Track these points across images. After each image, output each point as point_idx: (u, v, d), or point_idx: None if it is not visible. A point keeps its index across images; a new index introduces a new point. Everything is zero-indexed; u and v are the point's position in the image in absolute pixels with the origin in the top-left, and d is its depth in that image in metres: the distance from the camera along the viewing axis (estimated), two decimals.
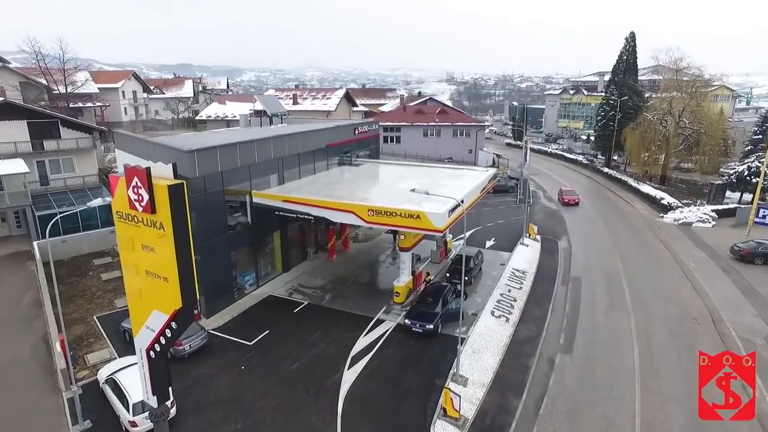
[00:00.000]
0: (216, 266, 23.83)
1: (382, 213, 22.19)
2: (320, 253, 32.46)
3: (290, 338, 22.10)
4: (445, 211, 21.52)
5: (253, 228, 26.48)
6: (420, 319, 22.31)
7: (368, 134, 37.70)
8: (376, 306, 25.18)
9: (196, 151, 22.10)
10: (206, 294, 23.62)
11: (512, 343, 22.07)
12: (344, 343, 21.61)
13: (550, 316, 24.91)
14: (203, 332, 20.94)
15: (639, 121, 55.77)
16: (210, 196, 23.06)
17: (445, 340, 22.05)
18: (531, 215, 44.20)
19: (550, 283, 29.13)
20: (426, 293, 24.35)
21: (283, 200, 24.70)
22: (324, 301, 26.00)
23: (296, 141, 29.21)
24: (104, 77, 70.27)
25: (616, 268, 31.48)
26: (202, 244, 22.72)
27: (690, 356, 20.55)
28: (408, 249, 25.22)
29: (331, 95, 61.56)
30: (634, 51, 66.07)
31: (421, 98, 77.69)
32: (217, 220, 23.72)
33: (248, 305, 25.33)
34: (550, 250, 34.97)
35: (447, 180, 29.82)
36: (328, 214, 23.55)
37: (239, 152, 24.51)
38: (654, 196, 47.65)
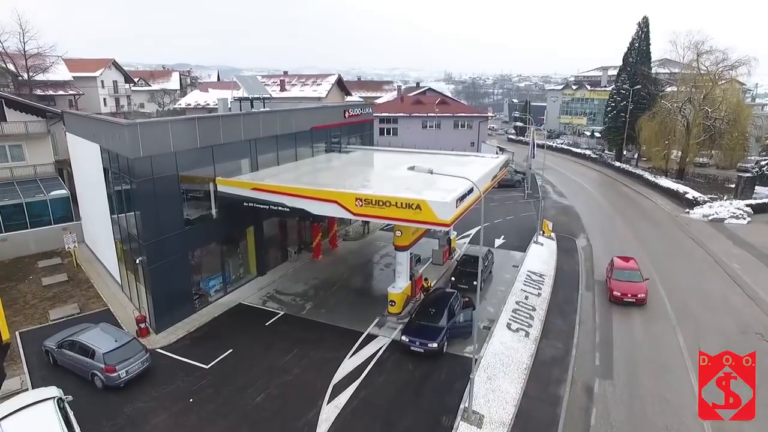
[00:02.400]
0: (169, 270, 19.34)
1: (373, 203, 17.72)
2: (304, 254, 27.97)
3: (257, 360, 17.60)
4: (452, 200, 17.07)
5: (218, 223, 21.98)
6: (420, 335, 17.85)
7: (360, 118, 33.23)
8: (367, 317, 20.71)
9: (138, 124, 17.61)
10: (157, 304, 19.18)
11: (535, 364, 17.65)
12: (325, 367, 17.12)
13: (578, 329, 20.50)
14: (144, 353, 16.41)
15: (655, 110, 51.45)
16: (160, 182, 18.56)
17: (451, 362, 17.61)
18: (541, 211, 40.15)
19: (573, 287, 24.76)
20: (427, 303, 19.90)
21: (253, 188, 20.22)
22: (304, 311, 21.51)
23: (273, 120, 24.71)
24: (80, 65, 65.38)
25: (646, 270, 26.89)
26: (148, 243, 18.26)
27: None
28: (405, 248, 20.75)
29: (322, 81, 56.97)
30: (647, 37, 61.76)
31: (419, 88, 73.26)
32: (169, 213, 19.22)
33: (211, 316, 20.82)
34: (568, 249, 30.60)
35: (452, 167, 25.26)
36: (307, 204, 19.06)
37: (198, 129, 20.02)
38: (676, 191, 43.34)
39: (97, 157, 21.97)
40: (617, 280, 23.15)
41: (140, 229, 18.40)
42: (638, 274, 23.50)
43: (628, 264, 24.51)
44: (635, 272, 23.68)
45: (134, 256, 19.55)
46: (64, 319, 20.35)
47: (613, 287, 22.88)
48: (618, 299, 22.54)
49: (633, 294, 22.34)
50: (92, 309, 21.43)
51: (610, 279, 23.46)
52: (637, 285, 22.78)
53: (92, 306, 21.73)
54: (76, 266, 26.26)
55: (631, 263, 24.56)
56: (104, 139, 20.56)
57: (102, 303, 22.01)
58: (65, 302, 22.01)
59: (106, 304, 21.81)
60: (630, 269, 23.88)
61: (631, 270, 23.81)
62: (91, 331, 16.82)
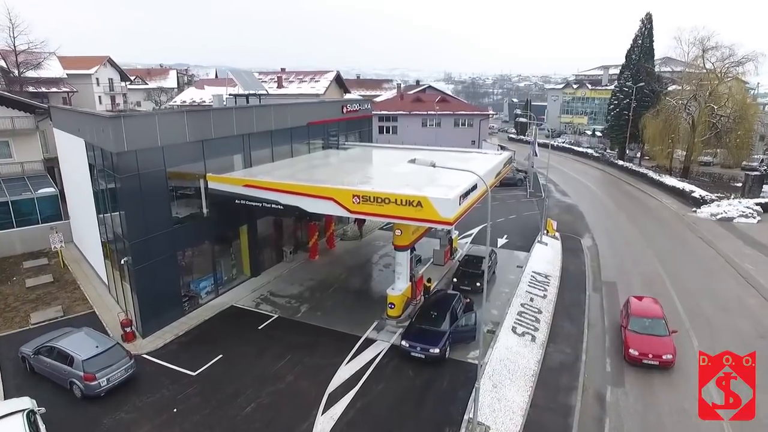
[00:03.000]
0: (156, 270, 18.33)
1: (371, 200, 16.73)
2: (300, 254, 26.95)
3: (249, 366, 16.59)
4: (455, 197, 16.09)
5: (210, 221, 20.98)
6: (421, 340, 16.84)
7: (359, 114, 32.25)
8: (365, 321, 19.71)
9: (123, 116, 16.61)
10: (143, 307, 18.17)
11: (543, 371, 16.66)
12: (320, 374, 16.11)
13: (587, 333, 19.51)
14: (128, 360, 15.38)
15: (660, 107, 50.50)
16: (146, 178, 17.54)
17: (454, 368, 16.61)
18: (544, 210, 39.22)
19: (580, 289, 23.78)
20: (429, 305, 18.90)
21: (245, 185, 19.21)
22: (299, 314, 20.49)
23: (267, 115, 23.71)
24: (75, 62, 64.22)
25: (655, 270, 26.13)
26: (133, 242, 17.26)
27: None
28: (405, 247, 19.78)
29: (320, 78, 55.90)
30: (651, 34, 60.83)
31: (419, 86, 72.20)
32: (157, 211, 18.20)
33: (201, 319, 19.80)
34: (574, 249, 29.62)
35: (454, 163, 24.29)
36: (302, 201, 18.06)
37: (188, 123, 19.00)
38: (682, 189, 42.38)
39: (83, 153, 20.96)
40: (634, 332, 17.36)
41: (125, 227, 17.39)
42: (663, 325, 17.59)
43: (649, 309, 18.62)
44: (659, 321, 17.71)
45: (119, 256, 18.53)
46: (45, 322, 19.32)
47: (629, 342, 17.06)
48: (635, 360, 16.65)
49: (656, 354, 16.44)
50: (77, 312, 20.41)
51: (625, 329, 17.81)
52: (662, 341, 16.86)
53: (77, 309, 20.71)
54: (62, 267, 25.23)
55: (653, 307, 18.77)
56: (89, 134, 19.55)
57: (87, 305, 20.99)
58: (48, 305, 20.98)
59: (92, 307, 20.79)
60: (652, 316, 18.00)
61: (653, 318, 17.90)
62: (72, 336, 15.80)
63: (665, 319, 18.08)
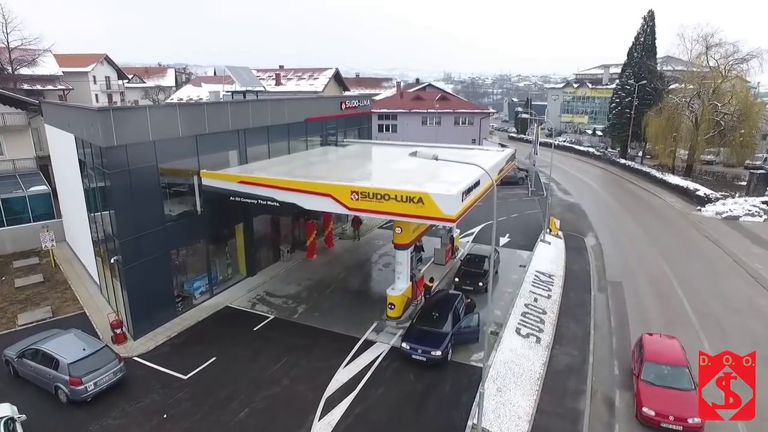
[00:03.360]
0: (148, 270, 17.68)
1: (370, 196, 16.09)
2: (297, 253, 26.31)
3: (243, 369, 15.94)
4: (457, 193, 15.45)
5: (204, 219, 20.33)
6: (423, 342, 16.20)
7: (358, 111, 31.60)
8: (364, 322, 19.07)
9: (112, 109, 15.95)
10: (134, 307, 17.53)
11: (549, 374, 16.03)
12: (317, 378, 15.48)
13: (594, 334, 18.89)
14: (117, 363, 14.73)
15: (662, 105, 49.94)
16: (137, 174, 16.89)
17: (457, 371, 15.98)
18: (546, 209, 38.64)
19: (585, 289, 23.16)
20: (430, 306, 18.25)
21: (240, 182, 18.56)
22: (296, 314, 19.85)
23: (264, 110, 23.07)
24: (71, 60, 63.58)
25: (661, 270, 25.52)
26: (124, 241, 16.63)
27: None
28: (405, 246, 19.14)
29: (319, 75, 55.23)
30: (653, 31, 60.33)
31: (419, 85, 71.58)
32: (148, 208, 17.55)
33: (195, 320, 19.15)
34: (577, 248, 29.01)
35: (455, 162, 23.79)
36: (299, 198, 17.41)
37: (181, 118, 18.37)
38: (686, 188, 41.81)
39: (73, 149, 20.30)
40: (649, 383, 13.50)
41: (115, 225, 16.74)
42: (687, 374, 13.52)
43: (668, 351, 14.51)
44: (682, 370, 13.71)
45: (110, 255, 17.89)
46: (33, 324, 18.66)
47: (643, 398, 13.14)
48: (651, 422, 12.81)
49: (679, 417, 12.43)
50: (66, 313, 19.75)
51: (638, 379, 13.90)
52: (686, 397, 12.81)
53: (67, 309, 20.05)
54: (54, 266, 24.58)
55: (673, 350, 14.61)
56: (78, 129, 18.90)
57: (78, 306, 20.34)
58: (37, 305, 20.33)
59: (82, 308, 20.13)
60: (673, 363, 13.97)
61: (674, 365, 13.85)
62: (58, 339, 15.14)
63: (689, 368, 13.64)
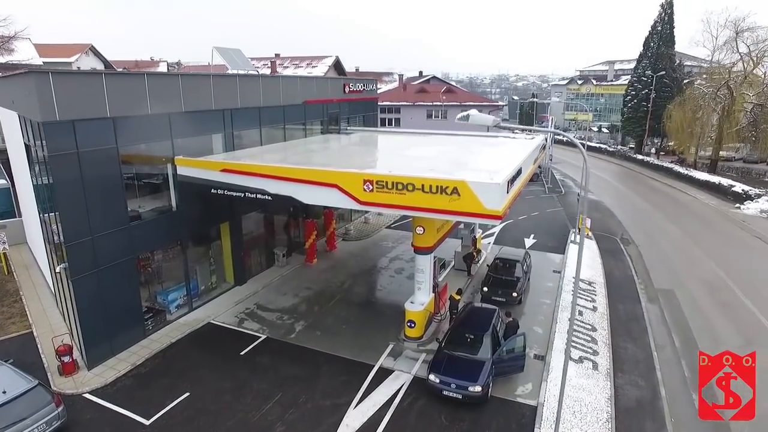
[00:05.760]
0: (106, 280, 14.01)
1: (388, 186, 12.45)
2: (294, 257, 22.69)
3: (223, 410, 12.30)
4: (503, 181, 11.82)
5: (180, 217, 16.65)
6: (456, 373, 12.59)
7: (363, 96, 28.04)
8: (377, 343, 15.47)
9: (51, 73, 12.27)
10: (88, 328, 13.84)
11: (620, 412, 12.49)
12: (322, 422, 11.86)
13: (658, 357, 15.37)
14: (53, 408, 11.03)
15: (686, 96, 46.63)
16: (89, 159, 13.22)
17: (500, 411, 12.41)
18: (567, 206, 35.32)
19: (633, 299, 19.70)
20: (461, 325, 14.59)
21: (222, 170, 14.90)
22: (293, 334, 16.21)
23: (255, 88, 19.46)
24: (53, 50, 59.53)
25: (716, 275, 22.08)
26: (72, 244, 12.95)
27: None
28: (429, 250, 15.54)
29: (318, 63, 51.68)
30: (671, 20, 57.08)
31: (422, 77, 68.13)
32: (107, 203, 13.88)
33: (167, 342, 15.48)
34: (612, 250, 25.55)
35: (482, 148, 20.33)
36: (296, 190, 13.76)
37: (149, 90, 14.71)
38: (718, 184, 38.51)
39: (18, 131, 16.63)
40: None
41: (60, 223, 13.07)
42: None
43: None
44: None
45: (56, 262, 14.23)
46: None
47: None
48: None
49: None
50: (9, 333, 16.02)
51: None
52: None
53: (10, 328, 16.32)
54: (6, 273, 20.89)
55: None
56: (20, 104, 15.23)
57: (25, 324, 16.62)
58: None
59: (30, 326, 16.43)
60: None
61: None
62: None
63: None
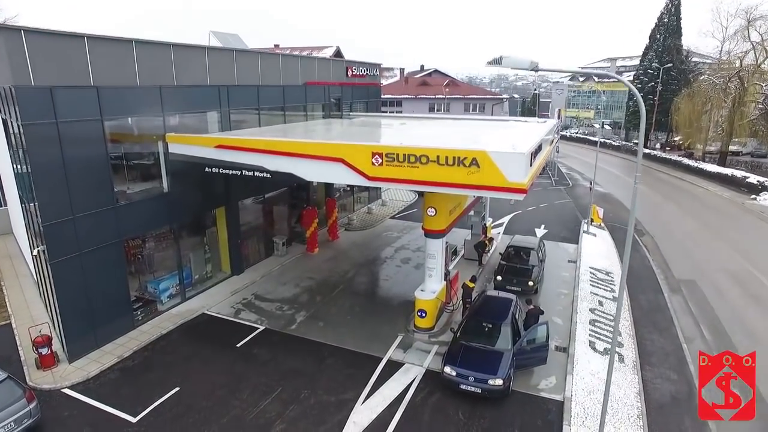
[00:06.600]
0: (91, 265, 12.82)
1: (399, 159, 11.26)
2: (295, 246, 21.51)
3: (217, 407, 11.11)
4: (527, 152, 10.64)
5: (172, 199, 15.44)
6: (474, 365, 11.41)
7: (366, 81, 26.89)
8: (385, 334, 14.30)
9: (24, 31, 11.06)
10: (68, 317, 12.64)
11: (652, 409, 11.35)
12: (326, 420, 10.67)
13: (688, 349, 14.22)
14: (24, 404, 9.83)
15: (694, 88, 45.58)
16: (70, 130, 12.02)
17: (523, 407, 11.24)
18: (575, 198, 34.29)
19: (654, 288, 18.58)
20: (477, 313, 13.40)
21: (217, 146, 13.69)
22: (293, 325, 15.02)
23: (253, 65, 18.29)
24: None
25: (742, 267, 20.96)
26: (50, 224, 11.78)
27: None
28: (441, 233, 14.37)
29: (318, 53, 50.55)
30: (678, 11, 56.17)
31: (424, 71, 66.95)
32: (90, 180, 12.68)
33: (158, 334, 14.29)
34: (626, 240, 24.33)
35: (494, 131, 19.10)
36: (297, 165, 12.55)
37: (138, 59, 13.53)
38: (732, 175, 37.55)
39: None
40: None
41: (37, 201, 11.86)
42: None
43: None
44: None
45: (35, 245, 13.03)
46: None
47: None
48: None
49: None
50: None
51: None
52: None
53: None
54: None
55: None
56: None
57: (4, 315, 15.42)
58: None
59: (9, 317, 15.22)
60: None
61: None
62: None
63: None
